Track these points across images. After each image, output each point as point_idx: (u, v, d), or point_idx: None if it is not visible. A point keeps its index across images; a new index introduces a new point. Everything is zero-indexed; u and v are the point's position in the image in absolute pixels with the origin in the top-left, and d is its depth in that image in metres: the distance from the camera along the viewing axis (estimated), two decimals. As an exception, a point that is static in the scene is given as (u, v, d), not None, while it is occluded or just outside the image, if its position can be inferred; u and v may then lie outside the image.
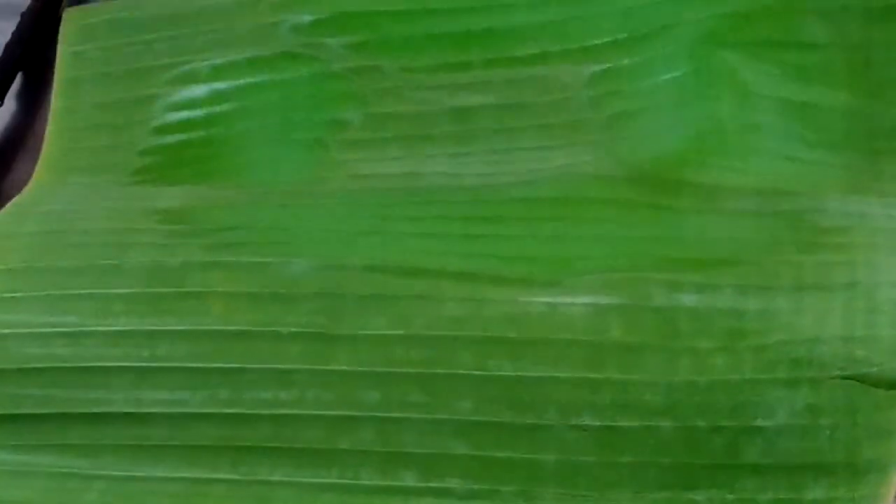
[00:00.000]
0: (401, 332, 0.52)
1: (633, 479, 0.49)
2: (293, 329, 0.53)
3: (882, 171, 0.57)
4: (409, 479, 0.51)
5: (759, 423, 0.49)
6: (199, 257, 0.55)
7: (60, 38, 0.65)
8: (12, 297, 0.55)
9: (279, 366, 0.52)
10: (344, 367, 0.52)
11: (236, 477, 0.51)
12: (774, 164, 0.57)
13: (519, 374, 0.51)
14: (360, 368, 0.52)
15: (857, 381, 0.50)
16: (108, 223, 0.57)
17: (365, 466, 0.51)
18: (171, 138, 0.62)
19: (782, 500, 0.48)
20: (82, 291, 0.55)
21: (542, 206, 0.57)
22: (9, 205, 0.60)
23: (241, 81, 0.62)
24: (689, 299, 0.52)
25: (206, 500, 0.51)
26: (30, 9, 0.70)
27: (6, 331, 0.54)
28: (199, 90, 0.63)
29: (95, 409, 0.53)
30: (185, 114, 0.62)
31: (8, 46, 0.69)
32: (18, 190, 0.62)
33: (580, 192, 0.57)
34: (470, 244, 0.55)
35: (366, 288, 0.54)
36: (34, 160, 0.63)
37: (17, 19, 0.70)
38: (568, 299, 0.52)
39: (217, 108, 0.62)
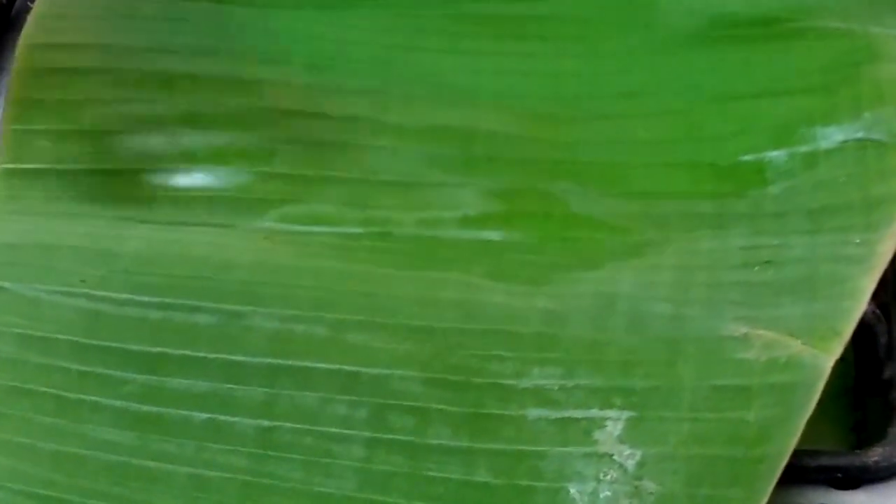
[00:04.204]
0: None
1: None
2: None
3: None
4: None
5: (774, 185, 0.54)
6: None
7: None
8: None
9: None
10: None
11: (285, 227, 0.55)
12: None
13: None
14: None
15: (869, 144, 0.54)
16: None
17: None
18: None
19: (801, 231, 0.52)
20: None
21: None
22: None
23: None
24: None
25: (259, 246, 0.53)
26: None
27: None
28: None
29: (152, 166, 0.56)
30: None
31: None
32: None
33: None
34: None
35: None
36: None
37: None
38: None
39: None
